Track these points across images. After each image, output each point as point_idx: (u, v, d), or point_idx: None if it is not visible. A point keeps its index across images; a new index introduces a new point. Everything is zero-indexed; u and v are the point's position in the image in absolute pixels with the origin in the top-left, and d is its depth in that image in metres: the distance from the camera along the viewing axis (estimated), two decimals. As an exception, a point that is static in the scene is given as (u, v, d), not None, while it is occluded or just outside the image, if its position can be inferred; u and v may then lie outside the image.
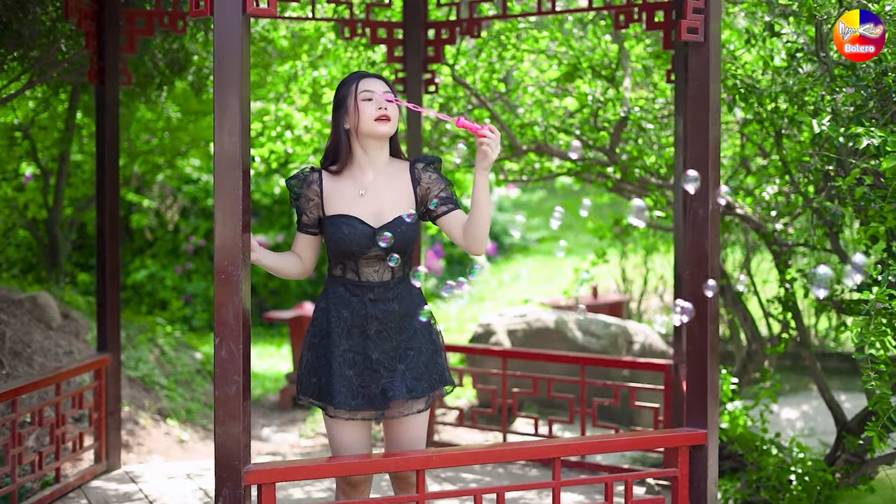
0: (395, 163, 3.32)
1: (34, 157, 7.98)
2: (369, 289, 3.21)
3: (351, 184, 3.26)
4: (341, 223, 3.20)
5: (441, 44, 5.32)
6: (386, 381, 3.18)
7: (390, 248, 3.18)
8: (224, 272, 2.93)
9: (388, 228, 3.19)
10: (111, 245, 4.96)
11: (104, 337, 4.97)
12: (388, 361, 3.20)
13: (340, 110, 3.26)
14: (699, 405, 3.45)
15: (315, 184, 3.27)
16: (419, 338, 3.24)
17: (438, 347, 3.30)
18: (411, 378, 3.19)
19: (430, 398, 3.26)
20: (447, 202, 3.26)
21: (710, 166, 3.41)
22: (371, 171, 3.26)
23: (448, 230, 3.26)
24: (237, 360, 2.94)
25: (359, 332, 3.21)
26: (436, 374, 3.26)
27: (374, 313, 3.20)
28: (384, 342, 3.21)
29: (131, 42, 4.97)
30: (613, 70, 5.78)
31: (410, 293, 3.27)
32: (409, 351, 3.22)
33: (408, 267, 3.29)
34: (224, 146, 2.93)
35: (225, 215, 2.92)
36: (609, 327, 6.88)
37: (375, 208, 3.22)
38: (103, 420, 4.97)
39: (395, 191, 3.26)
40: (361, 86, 3.22)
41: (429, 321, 3.28)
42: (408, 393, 3.17)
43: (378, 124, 3.19)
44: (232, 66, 2.92)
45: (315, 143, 6.27)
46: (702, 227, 3.43)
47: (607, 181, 6.01)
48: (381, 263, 3.22)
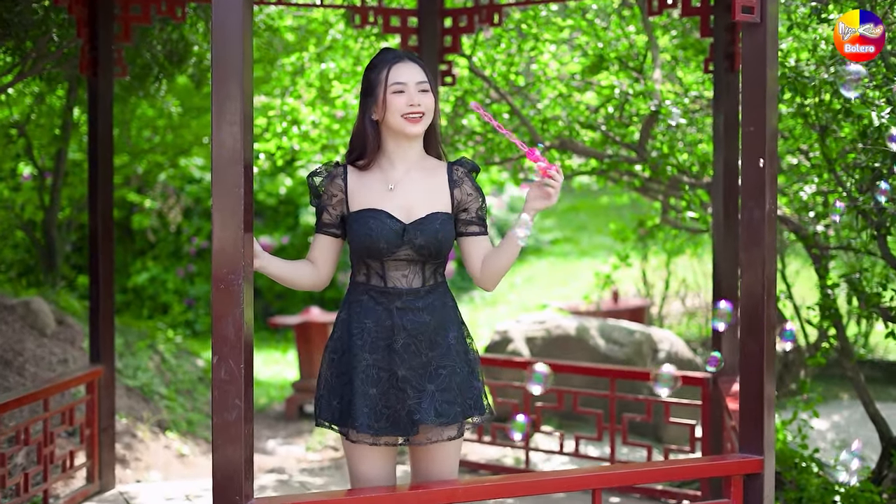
0: (430, 159, 2.94)
1: (30, 155, 7.65)
2: (396, 296, 2.83)
3: (379, 178, 2.88)
4: (368, 218, 2.82)
5: (458, 33, 4.96)
6: (413, 403, 2.79)
7: (423, 249, 2.82)
8: (223, 281, 2.57)
9: (420, 226, 2.82)
10: (104, 247, 4.60)
11: (97, 346, 4.62)
12: (416, 380, 2.81)
13: (368, 98, 2.87)
14: (754, 429, 3.09)
15: (339, 178, 2.89)
16: (453, 356, 2.85)
17: (474, 370, 2.91)
18: (442, 401, 2.80)
19: (462, 425, 2.88)
20: (478, 223, 2.90)
21: (767, 160, 3.05)
22: (402, 165, 2.89)
23: (468, 254, 2.91)
24: (238, 382, 2.58)
25: (384, 345, 2.82)
26: (470, 398, 2.86)
27: (402, 324, 2.81)
28: (412, 357, 2.82)
29: (126, 30, 4.62)
30: (642, 61, 5.42)
31: (444, 304, 2.88)
32: (441, 370, 2.83)
33: (440, 275, 2.91)
34: (223, 138, 2.57)
35: (224, 216, 2.57)
36: (633, 334, 6.52)
37: (406, 204, 2.85)
38: (96, 436, 4.61)
39: (429, 187, 2.87)
40: (393, 75, 2.82)
41: (464, 339, 2.92)
42: (437, 417, 2.78)
43: (407, 123, 2.82)
44: (232, 47, 2.56)
45: (323, 139, 5.91)
46: (757, 230, 3.08)
47: (634, 180, 5.65)
48: (411, 267, 2.84)
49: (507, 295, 11.56)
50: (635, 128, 5.29)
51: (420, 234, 2.81)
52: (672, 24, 5.58)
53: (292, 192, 10.92)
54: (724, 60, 4.31)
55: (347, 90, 5.87)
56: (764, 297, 3.06)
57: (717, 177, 4.37)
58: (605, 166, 5.41)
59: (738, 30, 4.27)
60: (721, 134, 4.32)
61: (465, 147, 5.76)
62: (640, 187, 5.73)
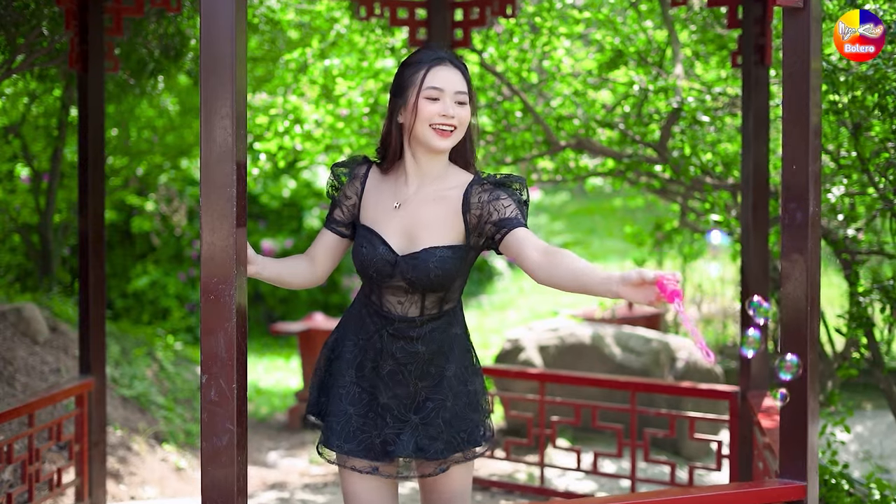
0: (454, 176, 2.59)
1: (26, 156, 7.41)
2: (389, 321, 2.57)
3: (391, 190, 2.60)
4: (363, 239, 2.57)
5: (469, 25, 4.69)
6: (390, 433, 2.55)
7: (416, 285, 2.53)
8: (213, 291, 2.31)
9: (413, 260, 2.51)
10: (95, 253, 4.34)
11: (87, 358, 4.35)
12: (398, 409, 2.57)
13: (398, 99, 2.57)
14: (797, 453, 2.82)
15: (359, 179, 2.63)
16: (445, 389, 2.58)
17: (475, 402, 2.63)
18: (425, 435, 2.55)
19: (447, 462, 2.59)
20: (504, 224, 2.47)
21: (810, 158, 2.79)
22: (416, 181, 2.59)
23: (514, 252, 2.46)
24: (230, 404, 2.32)
25: (371, 367, 2.59)
26: (463, 431, 2.59)
27: (391, 350, 2.56)
28: (398, 386, 2.57)
29: (118, 22, 4.36)
30: (661, 56, 5.15)
31: (446, 333, 2.60)
32: (428, 402, 2.57)
33: (447, 304, 2.61)
34: (213, 133, 2.31)
35: (214, 219, 2.31)
36: (650, 343, 6.24)
37: (407, 229, 2.55)
38: (86, 453, 4.35)
39: (438, 213, 2.54)
40: (430, 79, 2.51)
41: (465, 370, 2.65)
42: (416, 452, 2.53)
43: (435, 136, 2.50)
44: (222, 33, 2.30)
45: (327, 139, 5.64)
46: (800, 235, 2.81)
47: (654, 181, 5.37)
48: (408, 295, 2.56)
49: (517, 300, 11.27)
50: (655, 126, 5.02)
51: (411, 270, 2.52)
52: (692, 18, 5.31)
53: (296, 195, 10.65)
54: (754, 53, 4.04)
55: (352, 87, 5.61)
56: (807, 309, 2.79)
57: (745, 177, 4.10)
58: (624, 166, 5.13)
59: (769, 20, 4.01)
60: (751, 132, 4.05)
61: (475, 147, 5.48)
62: (659, 189, 5.45)
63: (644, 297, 2.19)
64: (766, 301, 2.47)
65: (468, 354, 2.67)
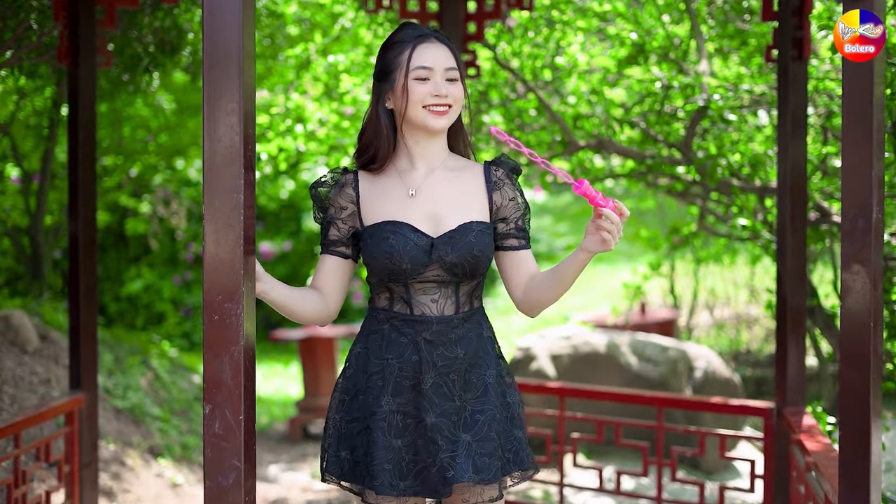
0: (457, 158, 2.43)
1: (16, 156, 7.13)
2: (425, 326, 2.31)
3: (397, 183, 2.36)
4: (387, 232, 2.30)
5: (483, 18, 4.42)
6: (446, 457, 2.26)
7: (455, 269, 2.30)
8: (217, 311, 2.04)
9: (451, 240, 2.30)
10: (86, 259, 4.06)
11: (78, 372, 4.07)
12: (448, 428, 2.29)
13: (384, 83, 2.36)
14: (858, 485, 2.56)
15: (350, 186, 2.37)
16: (491, 398, 2.33)
17: (513, 416, 2.38)
18: (480, 453, 2.28)
19: (503, 484, 2.36)
20: (518, 235, 2.40)
21: (873, 159, 2.53)
22: (423, 165, 2.38)
23: (507, 272, 2.41)
24: (236, 438, 2.05)
25: (410, 385, 2.31)
26: (510, 450, 2.35)
27: (432, 360, 2.30)
28: (444, 401, 2.30)
29: (111, 14, 4.09)
30: (684, 52, 4.89)
31: (481, 336, 2.37)
32: (478, 415, 2.31)
33: (477, 301, 2.39)
34: (218, 132, 2.04)
35: (219, 229, 2.04)
36: (666, 351, 5.98)
37: (432, 212, 2.33)
38: (76, 473, 4.07)
39: (460, 190, 2.36)
40: (417, 57, 2.31)
41: (503, 378, 2.39)
42: (475, 474, 2.26)
43: (430, 116, 2.32)
44: (228, 17, 2.03)
45: (331, 139, 5.36)
46: (862, 244, 2.55)
47: (676, 183, 5.11)
48: (442, 289, 2.32)
49: (521, 304, 10.98)
50: (679, 125, 4.75)
51: (451, 251, 2.29)
52: (716, 13, 5.04)
53: (295, 196, 10.38)
54: (792, 47, 3.78)
55: (357, 84, 5.33)
56: (871, 325, 2.53)
57: (782, 180, 3.84)
58: (645, 168, 4.87)
59: (808, 11, 3.76)
60: (788, 130, 3.78)
61: (486, 147, 5.22)
62: (681, 191, 5.18)
63: (592, 239, 2.21)
64: None
65: (501, 361, 2.45)
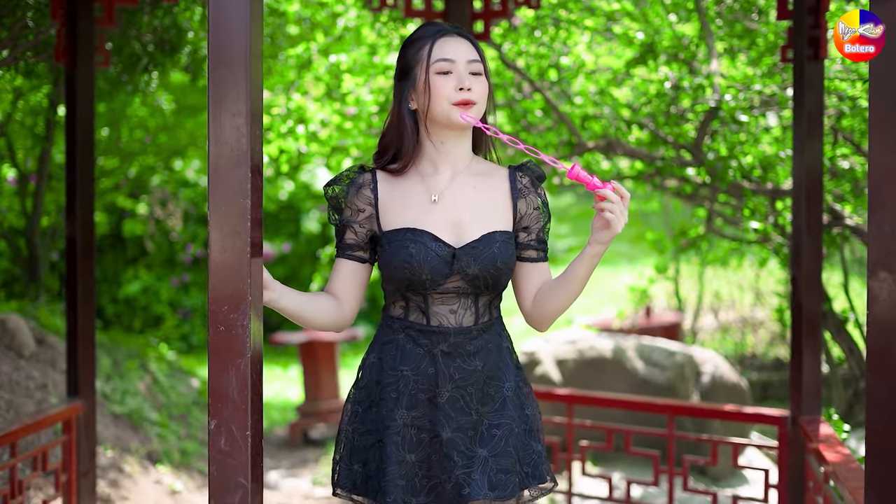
0: (482, 162, 2.34)
1: (12, 157, 7.03)
2: (442, 337, 2.22)
3: (419, 186, 2.27)
4: (406, 241, 2.20)
5: (490, 16, 4.33)
6: (461, 473, 2.18)
7: (477, 281, 2.21)
8: (223, 322, 1.95)
9: (474, 251, 2.21)
10: (84, 262, 3.97)
11: (76, 378, 3.97)
12: (464, 443, 2.21)
13: (405, 82, 2.27)
14: (887, 494, 2.47)
15: (367, 188, 2.27)
16: (510, 411, 2.24)
17: (532, 429, 2.30)
18: (496, 469, 2.19)
19: (521, 499, 2.27)
20: (538, 247, 2.33)
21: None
22: (447, 169, 2.28)
23: (521, 283, 2.33)
24: (243, 454, 1.95)
25: (425, 398, 2.22)
26: (528, 464, 2.26)
27: (449, 372, 2.22)
28: (460, 415, 2.21)
29: (109, 12, 4.00)
30: (694, 51, 4.80)
31: (499, 347, 2.29)
32: (495, 429, 2.22)
33: (495, 310, 2.30)
34: (223, 133, 1.95)
35: (224, 235, 1.94)
36: (673, 356, 5.88)
37: (455, 220, 2.24)
38: (74, 483, 3.97)
39: (484, 197, 2.27)
40: (437, 50, 2.22)
41: (521, 390, 2.30)
42: (491, 490, 2.17)
43: (456, 111, 2.21)
44: (235, 11, 1.94)
45: (333, 140, 5.26)
46: (889, 249, 2.46)
47: (684, 186, 5.01)
48: (462, 300, 2.24)
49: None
50: (689, 126, 4.66)
51: (474, 262, 2.21)
52: (726, 12, 4.95)
53: (294, 197, 10.28)
54: (808, 47, 3.69)
55: (360, 84, 5.24)
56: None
57: (797, 182, 3.74)
58: (653, 169, 4.77)
59: (824, 10, 3.67)
60: (804, 132, 3.69)
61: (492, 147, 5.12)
62: (690, 194, 5.09)
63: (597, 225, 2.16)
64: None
65: (520, 372, 2.37)
